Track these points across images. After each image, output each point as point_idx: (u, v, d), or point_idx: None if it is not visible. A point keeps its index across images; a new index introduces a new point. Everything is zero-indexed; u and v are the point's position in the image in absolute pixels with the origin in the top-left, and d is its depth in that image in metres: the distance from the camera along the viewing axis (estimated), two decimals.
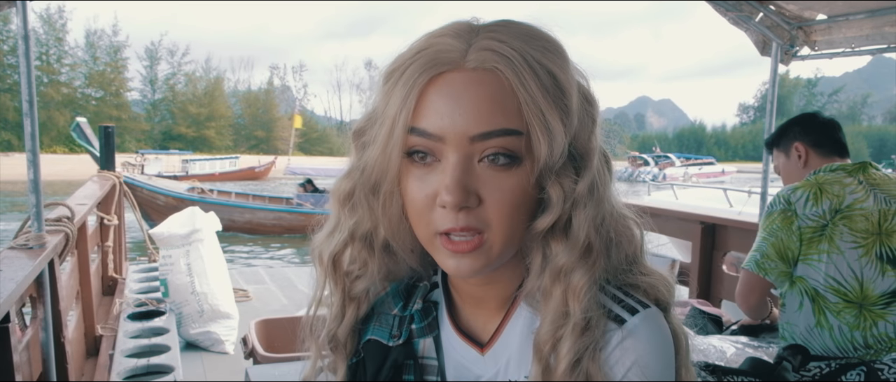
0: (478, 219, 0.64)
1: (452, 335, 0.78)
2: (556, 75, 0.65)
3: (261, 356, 2.35)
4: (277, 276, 5.83)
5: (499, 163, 0.64)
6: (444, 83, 0.64)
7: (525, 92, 0.63)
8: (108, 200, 4.50)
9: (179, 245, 3.64)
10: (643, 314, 0.67)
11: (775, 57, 3.31)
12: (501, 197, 0.64)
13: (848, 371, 1.41)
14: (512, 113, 0.63)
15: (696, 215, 3.68)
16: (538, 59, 0.64)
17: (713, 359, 1.60)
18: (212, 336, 3.66)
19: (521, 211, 0.66)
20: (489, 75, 0.64)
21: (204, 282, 3.64)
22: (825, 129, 2.11)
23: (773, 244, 1.90)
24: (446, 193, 0.63)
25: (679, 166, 40.53)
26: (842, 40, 3.20)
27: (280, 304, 4.84)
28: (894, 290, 1.85)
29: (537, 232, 0.67)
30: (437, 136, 0.64)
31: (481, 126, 0.63)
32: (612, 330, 0.66)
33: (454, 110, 0.63)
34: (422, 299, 0.79)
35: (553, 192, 0.66)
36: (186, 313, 3.64)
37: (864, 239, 1.86)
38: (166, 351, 2.88)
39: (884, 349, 1.84)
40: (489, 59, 0.64)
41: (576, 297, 0.65)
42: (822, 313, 1.88)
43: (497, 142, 0.63)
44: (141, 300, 3.70)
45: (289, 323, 2.81)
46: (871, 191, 1.92)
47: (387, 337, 0.78)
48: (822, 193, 1.89)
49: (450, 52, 0.65)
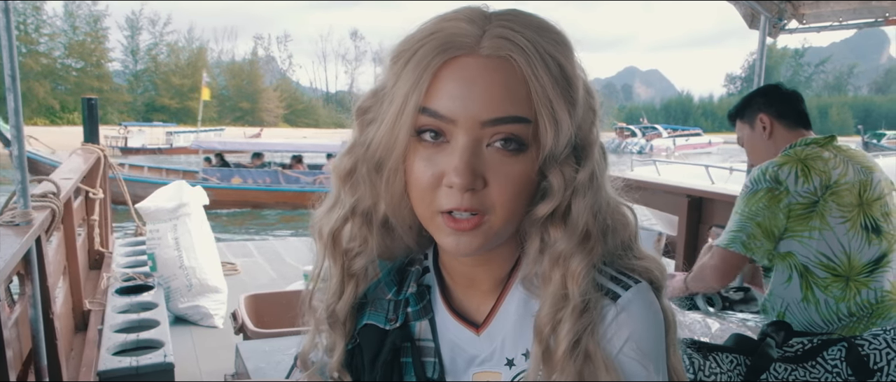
0: (481, 202, 0.66)
1: (447, 316, 0.79)
2: (564, 67, 0.67)
3: (251, 331, 2.37)
4: (265, 249, 5.83)
5: (507, 149, 0.66)
6: (458, 67, 0.66)
7: (536, 81, 0.65)
8: (92, 174, 4.45)
9: (166, 219, 3.64)
10: (635, 288, 0.70)
11: (763, 30, 3.31)
12: (506, 182, 0.66)
13: (829, 346, 1.44)
14: (522, 101, 0.66)
15: (682, 188, 3.70)
16: (549, 51, 0.66)
17: (699, 335, 1.63)
18: (200, 310, 3.67)
19: (523, 196, 0.68)
20: (502, 63, 0.66)
21: (192, 257, 3.64)
22: (789, 100, 2.11)
23: (760, 223, 1.89)
24: (455, 174, 0.65)
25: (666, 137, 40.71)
26: (829, 14, 3.20)
27: (268, 278, 4.85)
28: (877, 258, 1.90)
29: (537, 217, 0.69)
30: (449, 118, 0.66)
31: (493, 111, 0.65)
32: (607, 306, 0.69)
33: (467, 94, 0.65)
34: (415, 283, 0.80)
35: (555, 180, 0.68)
36: (174, 287, 3.64)
37: (849, 212, 1.89)
38: (155, 326, 2.88)
39: (865, 315, 1.90)
40: (503, 47, 0.66)
41: (575, 281, 0.67)
42: (809, 288, 1.90)
43: (507, 128, 0.65)
44: (128, 274, 3.69)
45: (278, 298, 2.82)
46: (848, 163, 1.94)
47: (383, 322, 0.79)
48: (810, 170, 1.89)
49: (464, 37, 0.66)
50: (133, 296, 3.32)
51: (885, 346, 1.45)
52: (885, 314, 1.92)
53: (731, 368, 1.43)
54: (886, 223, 1.93)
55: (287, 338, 2.26)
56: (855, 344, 1.45)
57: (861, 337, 1.46)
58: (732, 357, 1.44)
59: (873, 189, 1.93)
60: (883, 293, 1.92)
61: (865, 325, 1.92)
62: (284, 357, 2.06)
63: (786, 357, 1.48)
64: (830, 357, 1.46)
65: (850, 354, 1.45)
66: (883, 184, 1.97)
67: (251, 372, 2.00)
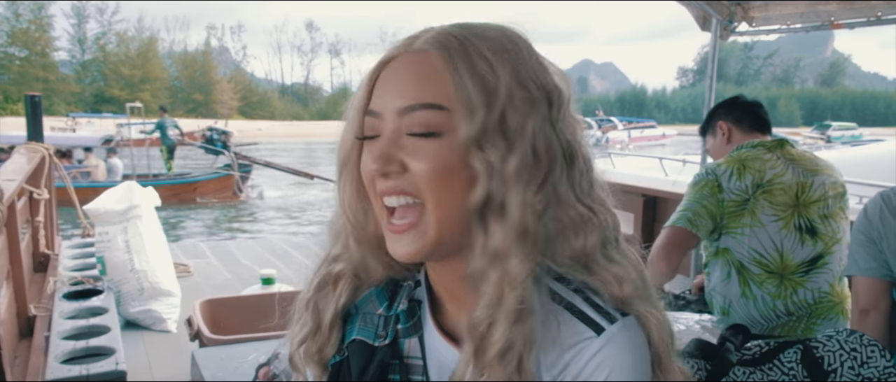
0: (409, 183, 0.68)
1: (435, 334, 0.77)
2: (487, 57, 0.68)
3: (207, 338, 2.30)
4: (219, 250, 5.70)
5: (421, 135, 0.68)
6: (390, 66, 0.71)
7: (452, 69, 0.68)
8: (37, 173, 4.28)
9: (116, 221, 3.52)
10: (622, 322, 0.68)
11: (715, 32, 3.41)
12: (425, 162, 0.67)
13: (785, 349, 1.47)
14: (437, 89, 0.68)
15: (638, 188, 3.78)
16: (473, 43, 0.69)
17: None
18: (153, 314, 3.57)
19: (448, 179, 0.67)
20: (423, 56, 0.69)
21: (143, 259, 3.53)
22: (747, 107, 2.22)
23: (705, 206, 2.00)
24: (371, 160, 0.69)
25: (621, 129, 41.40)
26: (777, 17, 3.32)
27: (223, 279, 4.74)
28: (812, 258, 1.98)
29: (471, 208, 0.68)
30: (377, 113, 0.70)
31: (407, 99, 0.68)
32: (589, 339, 0.67)
33: (389, 87, 0.70)
34: (407, 298, 0.79)
35: (477, 164, 0.67)
36: (125, 291, 3.53)
37: (783, 212, 1.98)
38: (106, 332, 2.79)
39: (804, 315, 1.99)
40: (427, 43, 0.70)
41: (510, 285, 0.66)
42: (746, 284, 1.99)
43: (419, 115, 0.68)
44: (76, 278, 3.55)
45: (235, 303, 2.75)
46: (789, 165, 2.02)
47: (372, 337, 0.78)
48: (745, 169, 2.00)
49: (404, 43, 0.72)
50: (81, 301, 3.19)
51: (839, 348, 1.48)
52: (824, 314, 2.00)
53: (692, 373, 1.45)
54: (824, 225, 2.00)
55: (245, 345, 2.20)
56: (810, 347, 1.48)
57: (815, 340, 1.50)
58: (693, 362, 1.46)
59: (812, 190, 2.01)
60: (821, 293, 1.99)
61: (806, 325, 2.00)
62: (242, 364, 2.00)
63: (744, 360, 1.51)
64: (786, 360, 1.49)
65: (805, 356, 1.48)
66: (826, 187, 2.03)
67: (208, 380, 1.94)
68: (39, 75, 58.39)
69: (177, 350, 3.29)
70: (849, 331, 1.50)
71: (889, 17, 2.88)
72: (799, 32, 3.32)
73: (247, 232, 12.26)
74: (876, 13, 2.90)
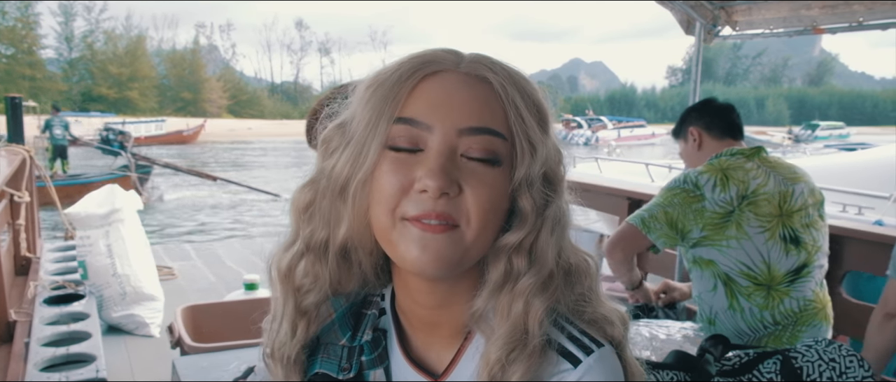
0: (456, 209, 0.64)
1: (404, 365, 0.75)
2: (537, 99, 0.69)
3: (188, 346, 2.27)
4: (204, 252, 5.67)
5: (482, 160, 0.65)
6: (438, 79, 0.67)
7: (512, 102, 0.66)
8: (17, 176, 4.23)
9: (98, 225, 3.48)
10: (597, 354, 0.67)
11: (699, 36, 3.42)
12: (482, 189, 0.65)
13: (765, 359, 1.48)
14: (499, 118, 0.67)
15: (623, 190, 3.78)
16: (522, 83, 0.68)
17: (640, 349, 1.65)
18: (136, 319, 3.54)
19: (497, 211, 0.66)
20: (480, 81, 0.67)
21: (126, 264, 3.50)
22: (718, 113, 2.20)
23: (667, 213, 1.98)
24: (429, 177, 0.63)
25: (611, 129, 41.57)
26: (761, 21, 3.34)
27: (208, 282, 4.71)
28: (797, 268, 1.98)
29: (504, 246, 0.67)
30: (426, 125, 0.65)
31: (471, 120, 0.65)
32: (566, 371, 0.66)
33: (446, 102, 0.66)
34: (371, 328, 0.77)
35: (526, 205, 0.67)
36: (107, 296, 3.50)
37: (768, 223, 1.96)
38: (87, 338, 2.75)
39: (790, 323, 1.99)
40: (481, 68, 0.68)
41: (536, 319, 0.66)
42: (733, 297, 1.99)
43: (483, 139, 0.65)
44: (58, 282, 3.52)
45: (218, 309, 2.72)
46: (769, 173, 2.01)
47: (336, 370, 0.76)
48: (729, 179, 1.97)
49: (443, 59, 0.68)
50: (63, 306, 3.16)
51: (817, 358, 1.48)
52: (809, 321, 2.01)
53: None
54: (806, 234, 2.00)
55: (227, 353, 2.18)
56: (789, 357, 1.49)
57: (795, 350, 1.50)
58: (673, 374, 1.46)
59: (794, 199, 2.00)
60: (805, 301, 2.00)
61: (791, 333, 2.00)
62: (224, 373, 1.98)
63: (723, 370, 1.51)
64: (766, 370, 1.49)
65: (784, 367, 1.48)
66: (806, 196, 2.03)
67: None
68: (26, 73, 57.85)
69: (159, 356, 3.26)
70: (827, 341, 1.51)
71: (871, 22, 2.89)
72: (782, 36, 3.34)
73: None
74: (857, 18, 2.91)
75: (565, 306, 0.70)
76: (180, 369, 2.07)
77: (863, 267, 2.67)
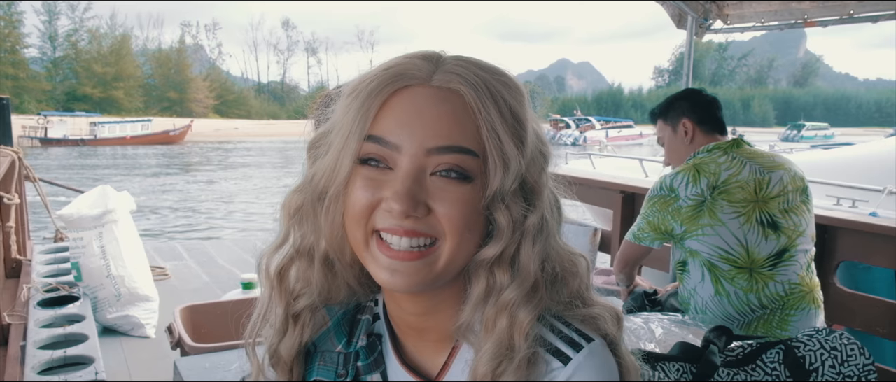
0: (428, 226, 0.65)
1: (399, 369, 0.76)
2: (513, 107, 0.67)
3: (189, 347, 2.27)
4: (195, 251, 5.62)
5: (451, 177, 0.65)
6: (408, 95, 0.66)
7: (486, 115, 0.65)
8: (7, 178, 4.18)
9: (91, 226, 3.45)
10: (587, 349, 0.68)
11: (690, 30, 3.45)
12: (451, 207, 0.65)
13: (767, 349, 1.50)
14: (470, 134, 0.65)
15: (616, 184, 3.78)
16: (499, 91, 0.67)
17: (644, 341, 1.66)
18: (131, 320, 3.51)
19: (471, 228, 0.66)
20: (452, 95, 0.66)
21: (120, 265, 3.47)
22: (709, 108, 2.24)
23: (650, 222, 2.13)
24: (394, 200, 0.64)
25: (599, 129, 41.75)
26: (752, 14, 3.37)
27: (201, 282, 4.68)
28: (778, 252, 2.03)
29: (483, 260, 0.67)
30: (394, 145, 0.65)
31: (439, 140, 0.65)
32: (556, 370, 0.67)
33: (414, 121, 0.65)
34: (365, 334, 0.78)
35: (502, 219, 0.67)
36: (102, 297, 3.47)
37: (743, 208, 2.03)
38: (84, 341, 2.73)
39: (778, 307, 2.04)
40: (454, 80, 0.66)
41: (521, 332, 0.66)
42: (718, 282, 2.05)
43: (452, 158, 0.65)
44: (51, 284, 3.48)
45: (216, 309, 2.71)
46: (745, 163, 2.07)
47: (333, 376, 0.77)
48: (700, 173, 2.05)
49: (416, 70, 0.67)
50: (57, 308, 3.13)
51: (820, 347, 1.50)
52: (797, 305, 2.06)
53: (678, 376, 1.47)
54: (786, 219, 2.05)
55: (228, 353, 2.17)
56: (791, 347, 1.51)
57: (797, 339, 1.52)
58: (679, 366, 1.47)
59: (771, 187, 2.06)
60: (791, 285, 2.04)
61: (780, 316, 2.05)
62: (226, 373, 1.98)
63: (727, 361, 1.52)
64: (769, 360, 1.51)
65: (787, 356, 1.50)
66: (786, 182, 2.08)
67: None
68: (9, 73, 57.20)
69: (157, 356, 3.24)
70: (828, 330, 1.53)
71: (861, 15, 2.93)
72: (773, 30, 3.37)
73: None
74: (848, 11, 2.95)
75: (555, 309, 0.70)
76: (182, 369, 2.06)
77: (857, 258, 2.70)
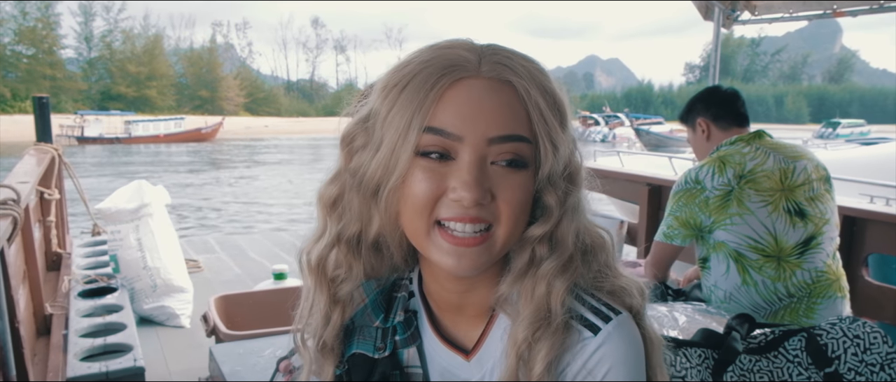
0: (488, 212, 0.68)
1: (436, 343, 0.80)
2: (556, 95, 0.71)
3: (224, 334, 2.34)
4: (227, 245, 5.74)
5: (510, 166, 0.68)
6: (464, 87, 0.68)
7: (534, 104, 0.69)
8: (47, 174, 4.33)
9: (128, 220, 3.57)
10: (615, 321, 0.71)
11: (717, 21, 3.40)
12: (513, 194, 0.69)
13: (790, 337, 1.50)
14: (523, 122, 0.69)
15: (643, 177, 3.77)
16: (540, 79, 0.70)
17: (667, 328, 1.68)
18: (166, 310, 3.62)
19: (525, 211, 0.71)
20: (504, 85, 0.69)
21: (155, 257, 3.58)
22: (725, 103, 2.24)
23: (678, 217, 2.11)
24: (464, 189, 0.66)
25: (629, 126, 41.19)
26: (780, 5, 3.31)
27: (233, 274, 4.79)
28: (805, 240, 2.03)
29: (530, 238, 0.72)
30: (456, 136, 0.67)
31: (499, 129, 0.68)
32: (587, 339, 0.70)
33: (475, 112, 0.67)
34: (402, 310, 0.81)
35: (551, 200, 0.71)
36: (138, 288, 3.58)
37: (770, 197, 2.03)
38: (123, 329, 2.82)
39: (804, 296, 2.03)
40: (505, 71, 0.69)
41: (558, 299, 0.70)
42: (745, 272, 2.04)
43: (511, 146, 0.68)
44: (91, 276, 3.60)
45: (248, 299, 2.80)
46: (769, 153, 2.08)
47: (372, 350, 0.81)
48: (725, 164, 2.05)
49: (465, 61, 0.69)
50: (97, 299, 3.24)
51: (842, 335, 1.51)
52: (823, 293, 2.05)
53: (700, 362, 1.48)
54: (812, 207, 2.05)
55: (261, 340, 2.25)
56: (814, 334, 1.51)
57: (819, 327, 1.52)
58: (701, 352, 1.49)
59: (796, 175, 2.06)
60: (818, 273, 2.04)
61: (806, 304, 2.04)
62: (259, 359, 2.04)
63: (749, 348, 1.53)
64: (791, 348, 1.52)
65: (809, 344, 1.51)
66: (809, 171, 2.08)
67: (227, 375, 1.98)
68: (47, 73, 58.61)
69: (191, 345, 3.34)
70: (851, 319, 1.53)
71: (892, 4, 2.86)
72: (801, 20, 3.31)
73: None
74: (878, 0, 2.88)
75: (585, 281, 0.74)
76: (217, 355, 2.13)
77: (886, 250, 2.66)
